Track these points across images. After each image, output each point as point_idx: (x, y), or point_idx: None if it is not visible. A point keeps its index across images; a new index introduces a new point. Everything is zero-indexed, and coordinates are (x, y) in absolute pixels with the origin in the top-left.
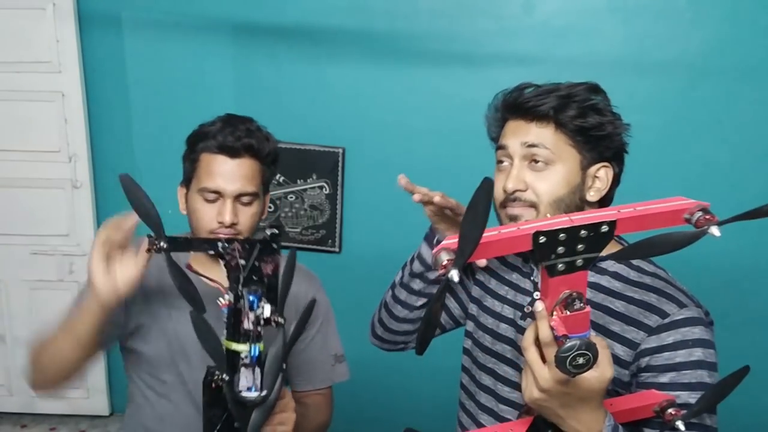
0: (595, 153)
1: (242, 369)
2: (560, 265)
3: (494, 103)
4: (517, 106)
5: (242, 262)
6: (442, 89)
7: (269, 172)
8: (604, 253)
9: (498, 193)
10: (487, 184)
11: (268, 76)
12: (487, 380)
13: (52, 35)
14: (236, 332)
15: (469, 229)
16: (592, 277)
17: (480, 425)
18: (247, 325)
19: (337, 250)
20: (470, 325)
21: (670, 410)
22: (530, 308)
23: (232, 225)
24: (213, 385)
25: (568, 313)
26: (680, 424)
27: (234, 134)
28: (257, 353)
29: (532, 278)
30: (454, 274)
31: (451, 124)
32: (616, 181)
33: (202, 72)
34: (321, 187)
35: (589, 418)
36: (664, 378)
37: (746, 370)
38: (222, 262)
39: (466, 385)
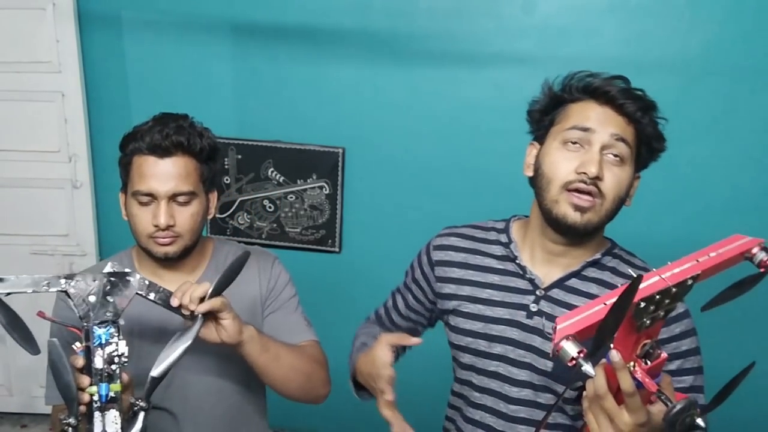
0: (638, 164)
1: (96, 413)
2: (648, 321)
3: (565, 81)
4: (607, 95)
5: (92, 298)
6: (442, 89)
7: (208, 168)
8: (603, 249)
9: (567, 174)
10: (637, 281)
11: (268, 76)
12: (492, 384)
13: (52, 35)
14: (89, 373)
15: (611, 323)
16: (594, 272)
17: (490, 429)
18: (98, 363)
19: (337, 250)
20: (455, 338)
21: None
22: (536, 307)
23: (169, 227)
24: None
25: (649, 363)
26: (700, 421)
27: (162, 132)
28: (105, 393)
29: (526, 276)
30: (589, 369)
31: (451, 124)
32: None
33: (202, 72)
34: (321, 187)
35: None
36: (673, 365)
37: (752, 366)
38: (71, 302)
39: (466, 394)
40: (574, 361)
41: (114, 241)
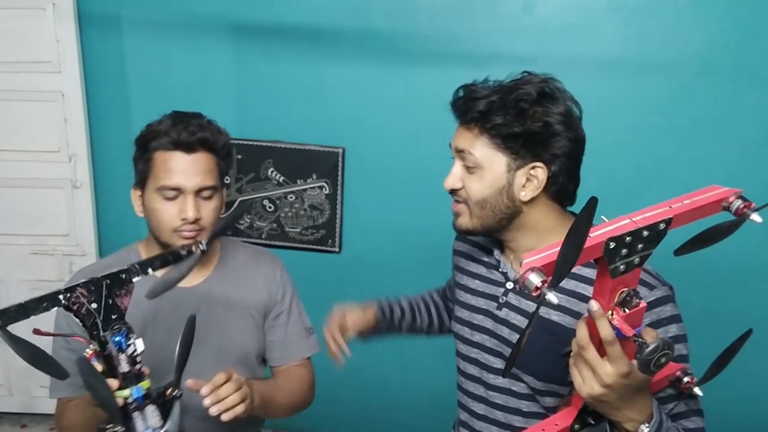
0: (528, 154)
1: (135, 414)
2: (622, 266)
3: None
4: (453, 108)
5: (94, 306)
6: (442, 89)
7: (225, 165)
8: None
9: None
10: (592, 204)
11: (268, 76)
12: (472, 369)
13: (52, 35)
14: (113, 375)
15: (569, 250)
16: None
17: (473, 413)
18: (124, 367)
19: (337, 250)
20: (453, 325)
21: (685, 379)
22: (504, 299)
23: (196, 220)
24: None
25: (627, 311)
26: (698, 390)
27: (187, 129)
28: (141, 394)
29: (500, 270)
30: (552, 297)
31: (451, 124)
32: (559, 180)
33: (202, 72)
34: (321, 187)
35: (641, 403)
36: None
37: (749, 333)
38: (75, 318)
39: (458, 380)
40: (537, 291)
41: (114, 240)
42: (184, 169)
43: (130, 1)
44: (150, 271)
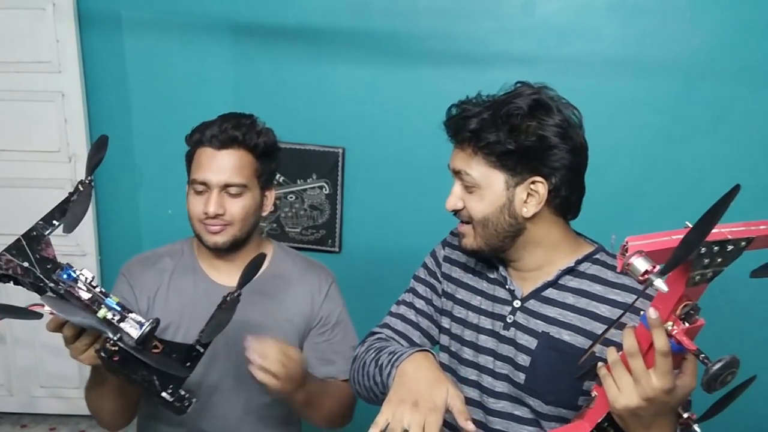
0: (525, 169)
1: (121, 325)
2: (697, 277)
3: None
4: (446, 128)
5: (26, 264)
6: (442, 89)
7: (264, 165)
8: (579, 256)
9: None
10: (736, 191)
11: (268, 76)
12: (472, 393)
13: (52, 35)
14: (87, 307)
15: (696, 235)
16: (572, 281)
17: None
18: (85, 294)
19: (337, 250)
20: (444, 339)
21: (685, 414)
22: (512, 317)
23: (218, 215)
24: (114, 355)
25: (687, 324)
26: (697, 428)
27: (221, 126)
28: (114, 304)
29: (506, 286)
30: (661, 284)
31: None
32: (561, 193)
33: (202, 72)
34: (321, 187)
35: (668, 424)
36: None
37: (752, 380)
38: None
39: None
40: (645, 276)
41: (114, 240)
42: (211, 164)
43: (130, 1)
44: (54, 221)
